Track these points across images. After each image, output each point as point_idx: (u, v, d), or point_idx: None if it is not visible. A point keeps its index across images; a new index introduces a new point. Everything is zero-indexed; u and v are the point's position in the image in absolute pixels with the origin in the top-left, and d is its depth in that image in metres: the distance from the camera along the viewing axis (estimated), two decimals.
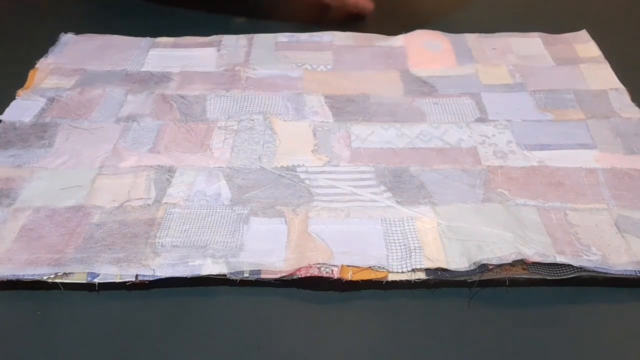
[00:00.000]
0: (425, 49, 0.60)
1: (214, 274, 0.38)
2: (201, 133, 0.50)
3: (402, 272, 0.38)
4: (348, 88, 0.55)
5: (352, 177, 0.46)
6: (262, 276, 0.38)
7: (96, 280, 0.38)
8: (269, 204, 0.43)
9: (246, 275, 0.38)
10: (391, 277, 0.38)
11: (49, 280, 0.38)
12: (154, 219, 0.42)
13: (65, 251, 0.39)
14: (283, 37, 0.63)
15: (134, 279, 0.38)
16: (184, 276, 0.38)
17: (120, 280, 0.38)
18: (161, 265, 0.38)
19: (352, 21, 0.66)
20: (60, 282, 0.38)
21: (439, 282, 0.38)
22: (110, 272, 0.38)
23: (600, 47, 0.60)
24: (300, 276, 0.38)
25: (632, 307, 0.38)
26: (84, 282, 0.38)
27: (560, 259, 0.38)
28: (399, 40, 0.62)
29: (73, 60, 0.59)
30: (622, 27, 0.66)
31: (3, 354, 0.35)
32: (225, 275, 0.38)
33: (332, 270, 0.38)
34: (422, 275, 0.38)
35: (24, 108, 0.52)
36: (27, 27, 0.66)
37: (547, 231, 0.40)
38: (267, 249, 0.39)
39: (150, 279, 0.38)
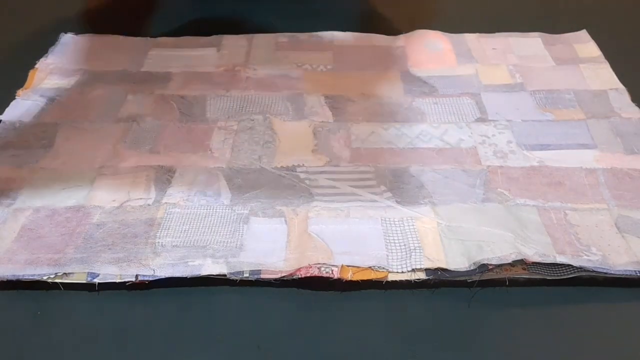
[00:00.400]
0: (425, 49, 0.60)
1: (214, 274, 0.38)
2: (201, 133, 0.50)
3: (402, 272, 0.38)
4: (348, 88, 0.55)
5: (352, 177, 0.46)
6: (262, 276, 0.38)
7: (96, 280, 0.38)
8: (269, 204, 0.43)
9: (246, 275, 0.38)
10: (391, 277, 0.38)
11: (49, 280, 0.38)
12: (154, 219, 0.42)
13: (65, 251, 0.39)
14: (283, 37, 0.63)
15: (134, 279, 0.38)
16: (184, 276, 0.38)
17: (120, 280, 0.38)
18: (161, 265, 0.38)
19: None
20: (60, 282, 0.38)
21: (439, 282, 0.38)
22: (110, 272, 0.38)
23: (600, 47, 0.60)
24: (300, 276, 0.38)
25: (632, 307, 0.38)
26: (84, 282, 0.38)
27: (560, 259, 0.38)
28: (399, 40, 0.62)
29: (73, 60, 0.59)
30: (622, 27, 0.66)
31: (3, 354, 0.35)
32: (225, 275, 0.38)
33: (332, 270, 0.38)
34: (422, 275, 0.38)
35: (24, 108, 0.52)
36: (27, 27, 0.66)
37: (547, 231, 0.40)
38: (267, 249, 0.39)
39: (150, 279, 0.38)
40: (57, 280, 0.38)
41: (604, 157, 0.47)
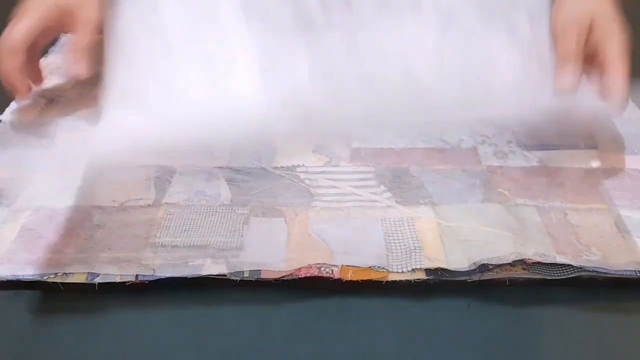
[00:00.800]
0: None
1: (214, 274, 0.38)
2: None
3: (402, 272, 0.38)
4: None
5: (352, 177, 0.46)
6: (262, 276, 0.38)
7: (96, 280, 0.38)
8: (269, 204, 0.43)
9: (246, 275, 0.38)
10: (391, 277, 0.38)
11: (49, 280, 0.38)
12: (154, 219, 0.42)
13: (65, 251, 0.39)
14: None
15: (134, 279, 0.38)
16: (184, 276, 0.38)
17: (120, 280, 0.38)
18: (161, 265, 0.38)
19: None
20: (60, 282, 0.38)
21: (439, 282, 0.38)
22: (110, 272, 0.38)
23: None
24: (300, 276, 0.38)
25: (632, 307, 0.38)
26: (84, 282, 0.38)
27: (560, 259, 0.38)
28: None
29: None
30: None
31: (3, 354, 0.35)
32: (225, 275, 0.38)
33: (332, 270, 0.38)
34: (422, 275, 0.38)
35: (24, 108, 0.52)
36: None
37: (547, 231, 0.40)
38: (267, 248, 0.39)
39: (150, 279, 0.38)
40: (57, 280, 0.38)
41: (604, 157, 0.47)
